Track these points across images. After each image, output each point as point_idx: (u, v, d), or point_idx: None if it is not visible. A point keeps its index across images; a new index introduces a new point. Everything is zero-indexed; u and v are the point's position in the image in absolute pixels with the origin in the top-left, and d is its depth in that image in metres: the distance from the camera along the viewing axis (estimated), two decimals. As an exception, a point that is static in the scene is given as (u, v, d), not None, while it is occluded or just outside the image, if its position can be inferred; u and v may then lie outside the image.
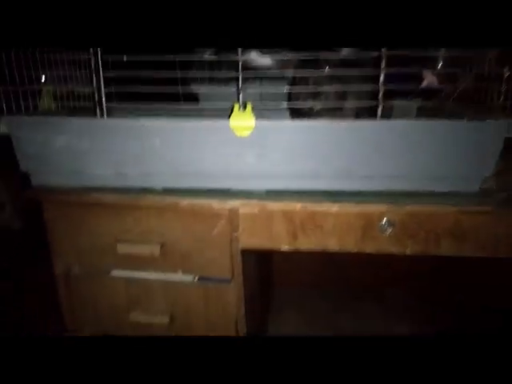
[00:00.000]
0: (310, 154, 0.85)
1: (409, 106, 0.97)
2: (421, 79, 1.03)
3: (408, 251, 0.89)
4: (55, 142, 0.87)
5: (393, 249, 0.89)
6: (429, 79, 1.02)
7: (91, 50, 0.81)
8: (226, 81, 1.36)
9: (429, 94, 1.07)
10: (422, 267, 1.56)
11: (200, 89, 1.33)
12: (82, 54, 0.88)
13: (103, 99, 0.84)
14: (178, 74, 0.87)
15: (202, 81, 1.43)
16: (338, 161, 0.85)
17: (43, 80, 0.99)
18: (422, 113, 1.11)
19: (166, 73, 0.84)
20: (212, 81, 1.40)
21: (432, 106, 0.92)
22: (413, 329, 1.45)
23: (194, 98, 1.31)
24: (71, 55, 0.96)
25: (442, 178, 0.87)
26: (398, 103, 0.88)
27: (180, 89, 0.87)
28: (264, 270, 1.44)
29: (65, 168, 0.91)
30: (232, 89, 0.86)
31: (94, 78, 0.83)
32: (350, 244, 0.90)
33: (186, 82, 1.34)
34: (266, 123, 0.83)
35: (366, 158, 0.84)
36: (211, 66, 1.28)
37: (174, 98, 0.87)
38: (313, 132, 0.83)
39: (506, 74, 0.87)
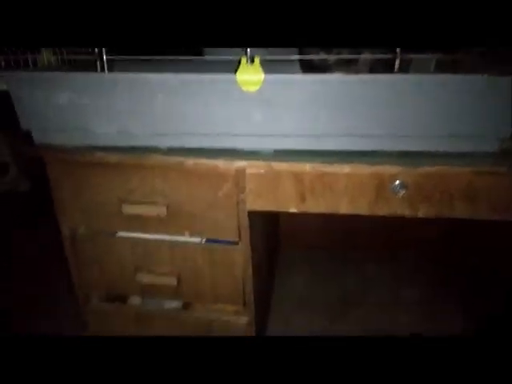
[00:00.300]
0: (321, 111, 0.80)
1: (427, 59, 0.91)
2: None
3: (421, 214, 0.86)
4: (56, 98, 0.84)
5: (406, 211, 0.86)
6: None
7: None
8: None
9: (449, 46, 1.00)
10: (435, 230, 1.53)
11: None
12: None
13: (103, 52, 0.80)
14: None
15: None
16: (350, 118, 0.80)
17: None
18: (441, 67, 1.05)
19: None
20: None
21: (452, 59, 0.86)
22: (422, 292, 1.45)
23: (198, 52, 1.26)
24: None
25: (459, 137, 0.82)
26: (416, 57, 0.82)
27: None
28: (271, 231, 1.43)
29: (67, 126, 0.88)
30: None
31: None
32: (362, 206, 0.88)
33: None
34: (275, 77, 0.78)
35: (380, 116, 0.80)
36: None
37: (178, 50, 0.83)
38: (325, 87, 0.78)
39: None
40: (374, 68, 0.89)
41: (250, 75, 0.78)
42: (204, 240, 1.00)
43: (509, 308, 1.29)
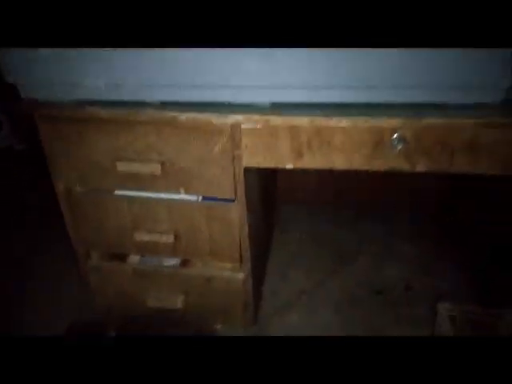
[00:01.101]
0: (317, 61, 0.77)
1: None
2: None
3: (419, 168, 0.85)
4: (39, 49, 0.80)
5: (404, 166, 0.85)
6: None
7: None
8: None
9: None
10: (432, 186, 1.53)
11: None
12: None
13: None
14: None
15: None
16: (349, 68, 0.77)
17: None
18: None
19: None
20: None
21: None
22: (417, 247, 1.46)
23: None
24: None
25: (461, 87, 0.79)
26: None
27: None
28: (268, 188, 1.42)
29: (54, 79, 0.84)
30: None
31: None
32: (359, 161, 0.86)
33: None
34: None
35: (380, 65, 0.76)
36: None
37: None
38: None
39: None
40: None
41: (244, 22, 0.73)
42: (200, 198, 0.99)
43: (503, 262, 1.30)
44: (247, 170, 0.92)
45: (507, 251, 1.30)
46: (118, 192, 1.01)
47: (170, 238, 1.02)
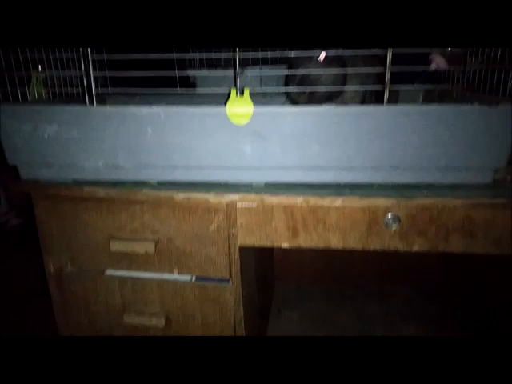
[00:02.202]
0: (312, 144, 0.80)
1: (415, 90, 0.92)
2: (429, 61, 0.98)
3: (415, 248, 0.84)
4: (43, 132, 0.83)
5: (399, 245, 0.84)
6: (437, 61, 0.97)
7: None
8: (226, 65, 1.34)
9: (437, 77, 1.02)
10: (432, 263, 1.50)
11: (197, 73, 1.30)
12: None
13: (92, 85, 0.80)
14: (174, 56, 0.82)
15: (199, 65, 1.40)
16: (341, 150, 0.80)
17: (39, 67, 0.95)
18: (429, 98, 1.06)
19: (162, 55, 0.80)
20: (210, 65, 1.37)
21: (440, 90, 0.87)
22: (419, 329, 1.40)
23: (190, 85, 1.28)
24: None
25: (452, 168, 0.82)
26: (403, 88, 0.82)
27: (176, 73, 0.83)
28: (264, 266, 1.39)
29: (54, 160, 0.87)
30: (231, 73, 0.82)
31: (83, 62, 0.79)
32: (354, 240, 0.85)
33: (182, 66, 1.31)
34: (264, 110, 0.78)
35: (372, 148, 0.79)
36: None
37: (170, 83, 0.83)
38: (315, 119, 0.78)
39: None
40: (362, 98, 0.90)
41: (240, 108, 0.77)
42: (194, 278, 0.97)
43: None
44: (243, 249, 0.91)
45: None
46: (109, 272, 0.99)
47: (161, 323, 0.98)
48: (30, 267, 1.49)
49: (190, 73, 1.29)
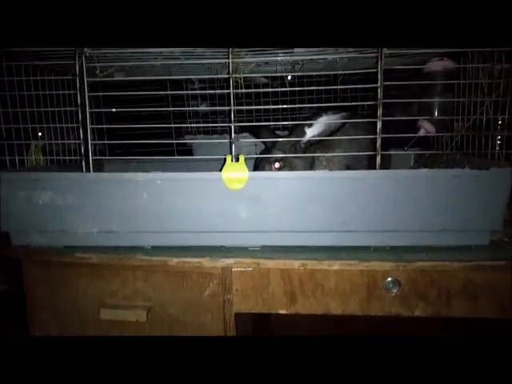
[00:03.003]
0: (307, 207, 0.80)
1: (406, 154, 0.94)
2: (417, 128, 1.01)
3: (418, 313, 0.81)
4: (38, 198, 0.83)
5: (401, 310, 0.81)
6: (426, 127, 1.00)
7: (79, 100, 0.79)
8: (221, 132, 1.39)
9: (426, 142, 1.05)
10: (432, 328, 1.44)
11: (194, 140, 1.33)
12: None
13: (90, 153, 0.81)
14: (172, 124, 0.84)
15: (196, 132, 1.45)
16: (337, 213, 0.80)
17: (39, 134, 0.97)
18: (419, 162, 1.08)
19: (159, 125, 0.82)
20: (207, 132, 1.42)
21: (430, 155, 0.90)
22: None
23: (187, 151, 1.31)
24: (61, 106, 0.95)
25: (448, 231, 0.81)
26: (393, 153, 0.85)
27: (174, 141, 0.85)
28: (260, 331, 1.33)
29: (47, 226, 0.85)
30: (226, 140, 0.84)
31: (81, 131, 0.80)
32: (354, 305, 0.82)
33: (179, 133, 1.35)
34: (259, 175, 0.79)
35: (367, 211, 0.79)
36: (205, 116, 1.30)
37: (168, 150, 0.85)
38: (309, 184, 0.79)
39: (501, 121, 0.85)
40: (352, 163, 0.92)
41: (235, 173, 0.78)
42: (188, 346, 0.92)
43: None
44: (238, 316, 0.87)
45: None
46: (98, 341, 0.94)
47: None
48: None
49: (187, 138, 1.32)
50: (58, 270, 0.89)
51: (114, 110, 0.82)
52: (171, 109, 1.18)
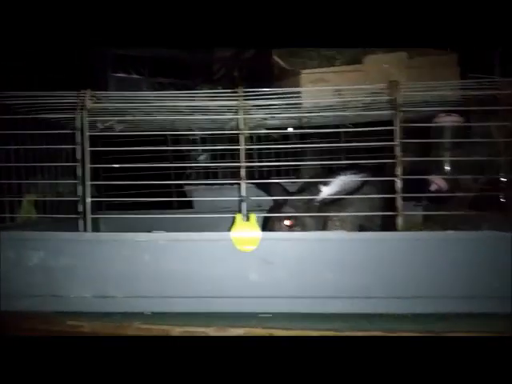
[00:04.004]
0: (324, 271, 0.74)
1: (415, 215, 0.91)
2: (429, 183, 0.99)
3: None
4: (28, 259, 0.76)
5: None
6: (437, 183, 0.98)
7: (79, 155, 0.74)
8: (223, 176, 1.36)
9: (438, 198, 1.02)
10: None
11: (194, 193, 1.30)
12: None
13: (88, 211, 0.75)
14: (172, 178, 0.79)
15: (196, 177, 1.42)
16: (355, 279, 0.74)
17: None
18: (430, 220, 1.05)
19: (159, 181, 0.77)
20: (207, 177, 1.38)
21: (444, 213, 0.86)
22: None
23: (187, 204, 1.27)
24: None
25: (469, 297, 0.75)
26: (412, 213, 0.81)
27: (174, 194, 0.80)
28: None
29: (37, 290, 0.78)
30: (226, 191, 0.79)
31: (80, 188, 0.75)
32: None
33: (180, 176, 1.33)
34: (272, 235, 0.74)
35: (386, 276, 0.73)
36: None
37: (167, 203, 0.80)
38: (327, 245, 0.74)
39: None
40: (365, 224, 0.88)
41: (247, 233, 0.73)
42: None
43: None
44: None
45: None
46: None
47: None
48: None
49: (187, 189, 1.29)
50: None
51: (116, 166, 0.77)
52: (174, 165, 1.16)
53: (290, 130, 1.09)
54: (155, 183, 0.84)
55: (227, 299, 0.77)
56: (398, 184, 0.70)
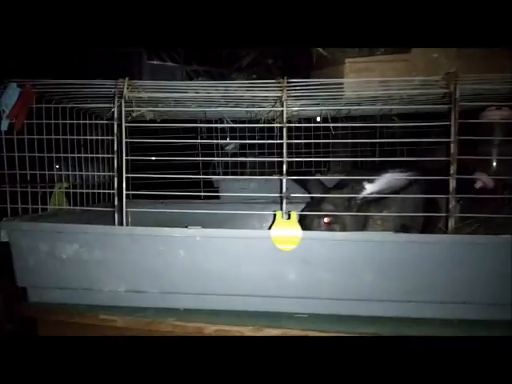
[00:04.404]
0: (365, 272, 0.70)
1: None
2: (474, 181, 0.94)
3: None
4: (62, 252, 0.74)
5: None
6: (483, 180, 0.93)
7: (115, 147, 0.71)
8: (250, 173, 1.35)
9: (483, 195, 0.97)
10: None
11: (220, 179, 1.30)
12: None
13: (124, 204, 0.73)
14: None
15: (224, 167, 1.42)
16: (398, 281, 0.70)
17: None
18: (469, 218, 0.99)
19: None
20: (234, 173, 1.38)
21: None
22: None
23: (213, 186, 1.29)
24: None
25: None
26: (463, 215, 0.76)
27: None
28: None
29: (69, 283, 0.77)
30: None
31: (116, 180, 0.72)
32: None
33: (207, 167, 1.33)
34: (313, 234, 0.70)
35: (433, 279, 0.70)
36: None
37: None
38: (370, 246, 0.70)
39: None
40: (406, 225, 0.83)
41: (287, 231, 0.69)
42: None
43: None
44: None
45: None
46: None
47: None
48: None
49: (214, 179, 1.28)
50: (76, 332, 0.79)
51: (153, 158, 0.74)
52: (203, 159, 1.14)
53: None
54: (185, 176, 0.81)
55: (263, 298, 0.75)
56: (453, 184, 0.66)
